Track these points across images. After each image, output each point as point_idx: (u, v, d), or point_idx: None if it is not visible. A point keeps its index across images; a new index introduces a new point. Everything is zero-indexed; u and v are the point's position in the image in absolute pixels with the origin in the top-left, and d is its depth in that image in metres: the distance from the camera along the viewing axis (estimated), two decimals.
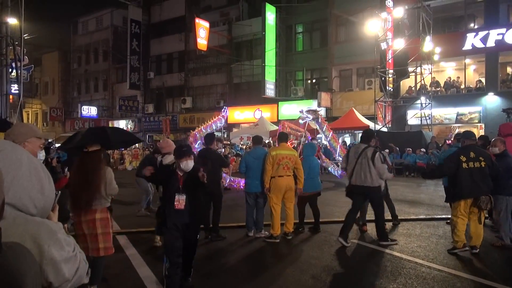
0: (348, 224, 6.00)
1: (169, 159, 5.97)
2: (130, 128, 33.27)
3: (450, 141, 11.58)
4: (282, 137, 6.75)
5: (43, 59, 40.83)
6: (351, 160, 6.04)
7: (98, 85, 36.88)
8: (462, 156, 5.31)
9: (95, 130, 4.74)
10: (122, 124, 33.99)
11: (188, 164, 3.95)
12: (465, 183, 5.22)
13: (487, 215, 7.39)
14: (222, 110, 14.09)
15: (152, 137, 31.02)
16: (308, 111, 13.08)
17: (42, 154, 2.68)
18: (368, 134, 6.32)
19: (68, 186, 4.56)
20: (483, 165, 5.27)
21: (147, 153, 22.97)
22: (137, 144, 32.25)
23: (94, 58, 36.79)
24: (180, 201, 3.86)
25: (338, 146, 13.61)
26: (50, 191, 1.29)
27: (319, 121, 13.35)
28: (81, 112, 34.16)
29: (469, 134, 5.72)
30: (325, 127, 13.37)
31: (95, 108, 34.90)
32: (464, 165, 5.25)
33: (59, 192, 1.54)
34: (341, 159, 13.14)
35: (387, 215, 7.15)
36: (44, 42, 33.99)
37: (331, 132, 13.70)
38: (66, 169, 7.61)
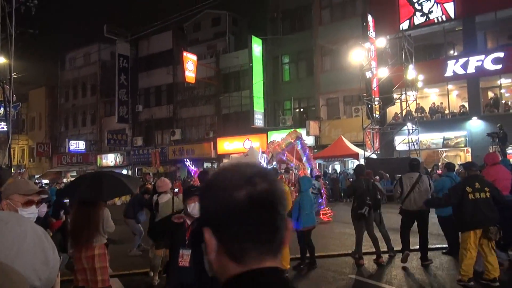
0: (405, 241, 6.73)
1: (165, 198, 5.90)
2: (119, 161, 32.97)
3: (440, 171, 11.72)
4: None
5: (30, 95, 40.73)
6: (406, 188, 6.66)
7: (86, 120, 36.75)
8: (468, 187, 5.26)
9: (93, 183, 4.84)
10: (110, 157, 33.70)
11: (197, 207, 3.17)
12: (471, 214, 5.16)
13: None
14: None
15: (142, 170, 30.77)
16: (262, 156, 11.60)
17: (28, 212, 2.62)
18: (417, 163, 7.16)
19: (71, 226, 4.86)
20: (488, 196, 5.25)
21: None
22: None
23: (82, 93, 36.84)
24: (184, 256, 3.20)
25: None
26: (54, 261, 1.27)
27: (276, 153, 12.78)
28: (68, 147, 33.82)
29: (471, 165, 5.74)
30: (285, 155, 13.21)
31: (83, 142, 34.63)
32: (470, 195, 5.20)
33: (61, 257, 1.53)
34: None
35: (383, 247, 7.14)
36: (32, 79, 34.04)
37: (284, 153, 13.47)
38: (61, 212, 7.50)
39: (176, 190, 15.71)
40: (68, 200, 7.75)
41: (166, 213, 5.48)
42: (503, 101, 18.76)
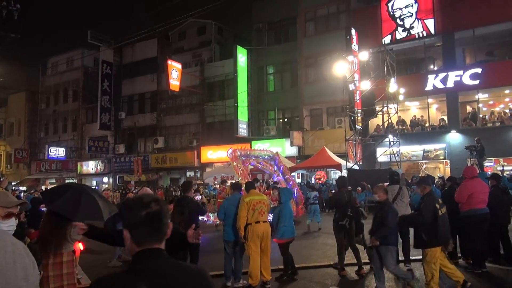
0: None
1: None
2: (100, 169, 32.43)
3: None
4: (250, 186, 6.75)
5: (9, 99, 39.83)
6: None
7: (67, 126, 36.06)
8: (437, 204, 5.33)
9: (71, 199, 4.79)
10: (91, 165, 33.12)
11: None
12: (443, 229, 5.22)
13: (459, 255, 7.61)
14: None
15: (123, 178, 30.34)
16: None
17: (7, 224, 2.57)
18: (398, 176, 7.64)
19: (40, 233, 4.84)
20: (445, 210, 5.41)
21: (117, 195, 22.34)
22: (106, 185, 31.44)
23: (64, 99, 36.19)
24: None
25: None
26: (34, 277, 1.26)
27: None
28: (48, 154, 33.10)
29: (428, 180, 5.75)
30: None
31: (63, 149, 33.94)
32: (439, 212, 5.28)
33: (42, 272, 1.53)
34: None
35: (365, 258, 7.20)
36: (12, 84, 33.39)
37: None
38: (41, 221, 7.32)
39: None
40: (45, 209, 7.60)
41: None
42: (481, 116, 19.30)
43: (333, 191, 10.57)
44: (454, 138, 18.97)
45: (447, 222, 5.35)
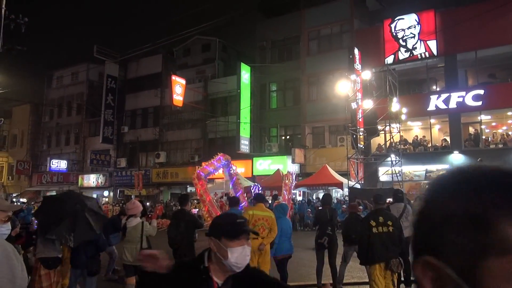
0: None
1: (134, 222, 5.65)
2: (101, 182, 32.36)
3: None
4: (259, 198, 6.69)
5: (14, 111, 40.12)
6: None
7: (70, 139, 36.21)
8: (372, 221, 5.26)
9: (67, 224, 5.03)
10: (92, 178, 33.06)
11: (246, 252, 1.82)
12: (376, 248, 5.15)
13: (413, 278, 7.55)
14: None
15: (124, 192, 30.25)
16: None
17: (6, 228, 2.54)
18: (402, 194, 7.79)
19: None
20: (391, 230, 5.25)
21: (116, 209, 22.22)
22: (106, 199, 31.30)
23: (67, 112, 36.45)
24: None
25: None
26: (22, 280, 1.22)
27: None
28: (50, 166, 33.09)
29: (378, 198, 5.65)
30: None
31: (65, 161, 33.96)
32: (374, 229, 5.20)
33: (30, 277, 1.47)
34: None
35: (365, 277, 7.06)
36: (17, 96, 33.66)
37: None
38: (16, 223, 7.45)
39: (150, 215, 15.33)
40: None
41: (134, 238, 5.33)
42: (483, 137, 19.22)
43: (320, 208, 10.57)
44: (457, 159, 18.85)
45: (386, 240, 5.21)
